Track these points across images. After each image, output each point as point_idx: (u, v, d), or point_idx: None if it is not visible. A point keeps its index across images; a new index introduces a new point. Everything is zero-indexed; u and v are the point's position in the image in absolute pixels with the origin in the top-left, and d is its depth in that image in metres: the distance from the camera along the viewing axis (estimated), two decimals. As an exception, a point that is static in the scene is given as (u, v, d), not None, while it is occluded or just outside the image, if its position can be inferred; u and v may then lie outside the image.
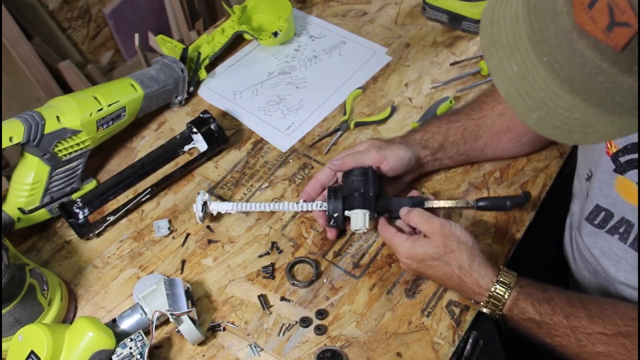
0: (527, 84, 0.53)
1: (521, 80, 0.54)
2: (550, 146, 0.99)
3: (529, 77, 0.53)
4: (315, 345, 0.79)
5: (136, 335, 0.75)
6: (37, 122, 0.85)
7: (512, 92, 0.55)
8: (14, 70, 1.81)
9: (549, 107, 0.53)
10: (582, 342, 0.71)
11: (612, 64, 0.47)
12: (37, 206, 0.91)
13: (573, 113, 0.52)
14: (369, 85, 1.12)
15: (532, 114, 0.54)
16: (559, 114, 0.53)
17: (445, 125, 0.91)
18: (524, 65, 0.53)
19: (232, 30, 1.18)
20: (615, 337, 0.70)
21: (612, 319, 0.71)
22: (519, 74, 0.54)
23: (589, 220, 0.84)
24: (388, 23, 1.24)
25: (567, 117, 0.52)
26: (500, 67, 0.55)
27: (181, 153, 1.00)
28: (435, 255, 0.77)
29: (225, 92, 1.13)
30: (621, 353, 0.69)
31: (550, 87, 0.52)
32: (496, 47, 0.55)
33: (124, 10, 2.10)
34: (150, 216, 0.95)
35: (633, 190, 0.76)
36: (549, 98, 0.52)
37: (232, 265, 0.88)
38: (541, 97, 0.53)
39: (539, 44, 0.51)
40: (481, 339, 0.81)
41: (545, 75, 0.52)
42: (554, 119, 0.53)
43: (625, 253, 0.80)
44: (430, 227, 0.78)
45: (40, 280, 0.79)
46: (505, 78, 0.55)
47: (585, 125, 0.52)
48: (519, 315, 0.75)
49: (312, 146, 1.03)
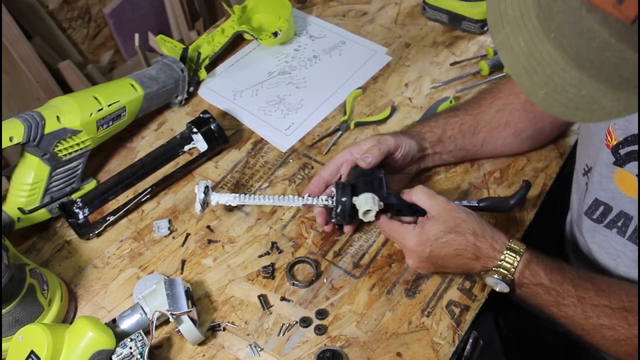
0: (534, 61, 0.53)
1: (528, 57, 0.53)
2: (550, 144, 0.99)
3: (537, 53, 0.52)
4: (315, 345, 0.79)
5: (136, 335, 0.75)
6: (37, 122, 0.85)
7: (518, 68, 0.54)
8: (14, 70, 1.81)
9: (556, 83, 0.52)
10: (588, 314, 0.73)
11: (621, 39, 0.47)
12: (37, 206, 0.91)
13: (580, 90, 0.51)
14: (369, 85, 1.12)
15: (539, 91, 0.54)
16: (566, 90, 0.52)
17: (443, 120, 0.92)
18: (532, 41, 0.52)
19: (232, 30, 1.18)
20: (620, 311, 0.71)
21: (617, 294, 0.73)
22: (526, 51, 0.53)
23: (588, 215, 0.85)
24: (388, 23, 1.24)
25: (574, 93, 0.52)
26: (507, 43, 0.54)
27: (181, 153, 1.00)
28: (447, 229, 0.76)
29: (225, 92, 1.13)
30: (623, 327, 0.71)
31: (557, 64, 0.52)
32: (503, 24, 0.55)
33: (124, 10, 2.10)
34: (150, 216, 0.95)
35: (632, 183, 0.77)
36: (557, 74, 0.52)
37: (232, 265, 0.88)
38: (548, 73, 0.52)
39: (547, 20, 0.51)
40: (481, 339, 0.81)
41: (553, 52, 0.51)
42: (561, 95, 0.53)
43: (624, 247, 0.80)
44: (435, 202, 0.78)
45: (40, 280, 0.79)
46: (512, 54, 0.54)
47: (592, 102, 0.52)
48: (529, 279, 0.75)
49: (312, 146, 1.03)
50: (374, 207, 0.79)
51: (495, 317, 0.97)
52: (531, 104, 0.90)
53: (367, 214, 0.80)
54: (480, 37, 1.19)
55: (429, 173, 0.97)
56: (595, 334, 0.73)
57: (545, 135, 0.95)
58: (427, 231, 0.77)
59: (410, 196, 0.80)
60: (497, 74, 1.10)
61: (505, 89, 0.93)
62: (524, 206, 0.92)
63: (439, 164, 0.96)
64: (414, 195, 0.80)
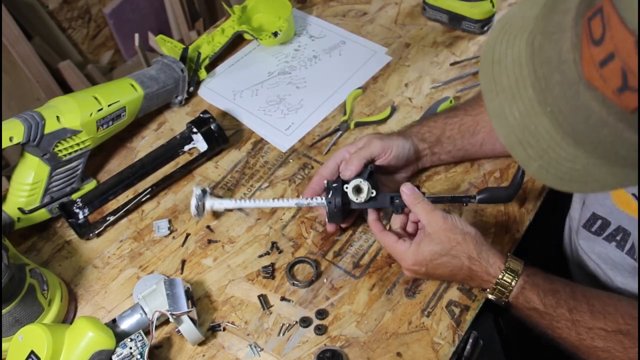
0: (529, 134, 0.51)
1: (523, 129, 0.52)
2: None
3: (532, 126, 0.51)
4: (315, 345, 0.79)
5: (136, 335, 0.75)
6: (37, 122, 0.85)
7: (512, 139, 0.53)
8: (14, 70, 1.81)
9: (551, 157, 0.51)
10: (582, 336, 0.72)
11: (619, 120, 0.45)
12: (37, 206, 0.91)
13: (575, 164, 0.50)
14: (369, 85, 1.12)
15: (533, 163, 0.53)
16: (561, 164, 0.51)
17: (442, 121, 0.92)
18: (527, 113, 0.51)
19: (232, 30, 1.18)
20: (615, 334, 0.70)
21: (613, 316, 0.72)
22: (521, 122, 0.52)
23: (586, 228, 0.85)
24: (388, 23, 1.24)
25: (568, 167, 0.51)
26: (501, 113, 0.53)
27: (181, 153, 1.00)
28: (443, 251, 0.76)
29: (225, 92, 1.13)
30: (618, 350, 0.70)
31: (553, 138, 0.50)
32: (497, 91, 0.53)
33: (124, 10, 2.10)
34: (150, 216, 0.95)
35: (629, 201, 0.77)
36: (551, 149, 0.51)
37: (232, 265, 0.88)
38: (543, 147, 0.51)
39: (544, 92, 0.49)
40: (481, 339, 0.81)
41: (549, 126, 0.50)
42: (555, 169, 0.52)
43: (623, 260, 0.80)
44: (433, 220, 0.77)
45: (40, 280, 0.79)
46: (506, 125, 0.53)
47: (586, 175, 0.51)
48: (523, 304, 0.75)
49: (312, 146, 1.03)
50: (363, 185, 0.81)
51: (495, 317, 0.97)
52: None
53: (359, 194, 0.81)
54: (480, 37, 1.19)
55: (428, 173, 0.97)
56: (589, 355, 0.73)
57: None
58: (422, 251, 0.77)
59: (411, 206, 0.80)
60: (497, 74, 1.10)
61: None
62: (524, 206, 0.92)
63: (437, 164, 0.96)
64: (414, 207, 0.79)
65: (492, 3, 1.16)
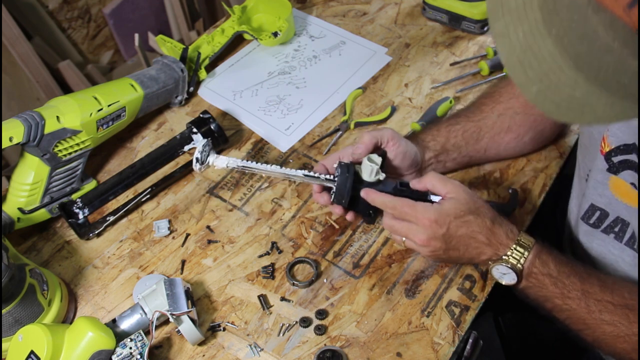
0: (532, 55, 0.51)
1: (525, 50, 0.51)
2: (550, 145, 0.99)
3: (535, 47, 0.50)
4: (315, 345, 0.79)
5: (136, 335, 0.75)
6: (37, 122, 0.85)
7: (514, 60, 0.52)
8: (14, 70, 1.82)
9: (551, 81, 0.51)
10: (591, 308, 0.73)
11: (624, 45, 0.45)
12: (37, 206, 0.91)
13: (574, 90, 0.50)
14: (369, 85, 1.12)
15: (531, 87, 0.52)
16: (560, 89, 0.51)
17: (445, 129, 0.91)
18: (531, 34, 0.51)
19: (232, 31, 1.18)
20: (622, 308, 0.72)
21: (620, 291, 0.73)
22: (524, 43, 0.51)
23: (585, 220, 0.85)
24: (388, 23, 1.24)
25: (567, 93, 0.51)
26: (505, 33, 0.52)
27: (181, 153, 1.00)
28: (468, 209, 0.76)
29: (225, 92, 1.13)
30: (623, 324, 0.71)
31: (555, 61, 0.50)
32: (503, 12, 0.52)
33: (124, 10, 2.10)
34: (150, 216, 0.95)
35: (627, 190, 0.77)
36: (552, 72, 0.50)
37: (232, 265, 0.88)
38: (544, 70, 0.51)
39: (550, 14, 0.49)
40: (481, 339, 0.81)
41: (552, 48, 0.50)
42: (554, 94, 0.51)
43: (622, 252, 0.80)
44: (452, 186, 0.77)
45: (40, 280, 0.79)
46: (509, 45, 0.52)
47: (584, 105, 0.51)
48: (539, 269, 0.75)
49: (312, 146, 1.03)
50: (377, 160, 0.79)
51: (495, 317, 0.97)
52: (532, 107, 0.90)
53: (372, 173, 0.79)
54: (480, 37, 1.19)
55: (429, 173, 0.96)
56: (596, 329, 0.73)
57: (546, 136, 0.96)
58: (447, 209, 0.76)
59: (424, 183, 0.79)
60: (497, 74, 1.10)
61: (506, 93, 0.93)
62: (524, 206, 0.92)
63: (443, 172, 0.95)
64: (428, 182, 0.78)
65: (492, 3, 1.16)
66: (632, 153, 0.75)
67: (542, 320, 0.96)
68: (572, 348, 0.95)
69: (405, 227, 0.78)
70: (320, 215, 0.93)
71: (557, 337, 0.99)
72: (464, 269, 0.85)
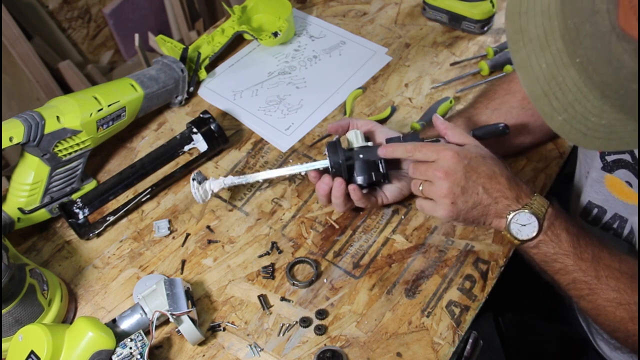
0: (556, 85, 0.51)
1: (550, 81, 0.51)
2: (550, 144, 0.99)
3: (559, 78, 0.50)
4: (315, 345, 0.79)
5: (136, 335, 0.75)
6: (37, 122, 0.85)
7: (538, 91, 0.52)
8: (14, 70, 1.82)
9: (577, 111, 0.50)
10: (600, 273, 0.72)
11: None
12: (37, 206, 0.91)
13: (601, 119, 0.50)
14: (369, 85, 1.12)
15: (557, 116, 0.52)
16: (586, 118, 0.50)
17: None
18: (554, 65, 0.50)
19: (232, 31, 1.18)
20: (628, 276, 0.71)
21: (627, 261, 0.72)
22: (548, 74, 0.51)
23: (583, 217, 0.85)
24: (388, 23, 1.24)
25: (594, 122, 0.50)
26: (528, 64, 0.52)
27: (181, 153, 1.00)
28: (488, 155, 0.75)
29: (225, 92, 1.13)
30: (627, 292, 0.70)
31: (580, 91, 0.50)
32: (524, 42, 0.52)
33: (124, 10, 2.10)
34: (150, 216, 0.95)
35: (623, 188, 0.77)
36: (578, 102, 0.50)
37: (232, 265, 0.88)
38: (570, 100, 0.50)
39: (573, 43, 0.49)
40: (481, 339, 0.81)
41: (577, 78, 0.49)
42: (580, 123, 0.51)
43: (621, 247, 0.81)
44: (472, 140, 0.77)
45: (40, 280, 0.79)
46: (532, 76, 0.52)
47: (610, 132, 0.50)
48: (560, 221, 0.73)
49: (312, 146, 1.03)
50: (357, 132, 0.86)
51: (495, 317, 0.97)
52: (528, 102, 0.90)
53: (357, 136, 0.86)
54: (480, 37, 1.19)
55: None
56: (600, 294, 0.72)
57: (545, 130, 0.95)
58: (469, 147, 0.75)
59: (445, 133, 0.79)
60: (497, 74, 1.10)
61: (501, 90, 0.93)
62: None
63: None
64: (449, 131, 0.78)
65: (492, 3, 1.16)
66: (624, 152, 0.75)
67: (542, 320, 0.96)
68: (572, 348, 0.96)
69: (426, 166, 0.76)
70: (320, 215, 0.93)
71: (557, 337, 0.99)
72: (464, 269, 0.85)
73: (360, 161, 0.84)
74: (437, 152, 0.75)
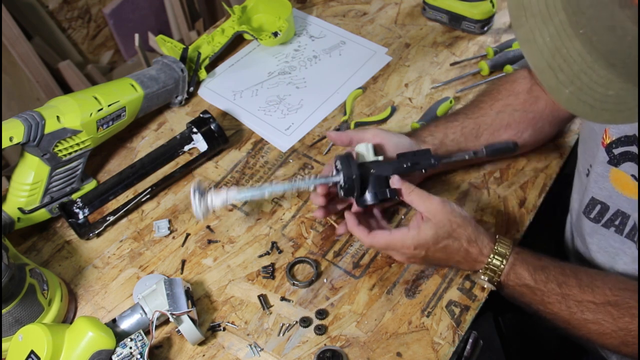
0: (560, 58, 0.50)
1: (554, 53, 0.51)
2: (550, 144, 0.99)
3: (563, 50, 0.50)
4: (315, 345, 0.79)
5: (136, 335, 0.75)
6: (37, 122, 0.85)
7: (543, 65, 0.52)
8: (14, 70, 1.82)
9: (583, 82, 0.50)
10: (572, 310, 0.73)
11: None
12: (37, 206, 0.91)
13: (608, 89, 0.49)
14: (369, 85, 1.12)
15: (564, 90, 0.51)
16: (593, 89, 0.50)
17: (443, 125, 0.92)
18: (558, 37, 0.50)
19: (232, 31, 1.18)
20: (604, 305, 0.72)
21: (601, 289, 0.73)
22: (552, 47, 0.51)
23: (586, 214, 0.85)
24: (388, 23, 1.24)
25: (601, 93, 0.50)
26: (531, 38, 0.52)
27: (181, 153, 1.00)
28: (445, 234, 0.76)
29: (225, 92, 1.13)
30: (607, 321, 0.71)
31: (585, 61, 0.49)
32: (527, 16, 0.52)
33: (124, 10, 2.10)
34: (150, 216, 0.95)
35: (628, 182, 0.77)
36: (584, 72, 0.50)
37: (232, 265, 0.88)
38: (575, 71, 0.50)
39: (576, 14, 0.49)
40: (481, 339, 0.81)
41: (581, 49, 0.49)
42: (587, 95, 0.51)
43: (622, 244, 0.81)
44: (431, 205, 0.76)
45: (40, 280, 0.79)
46: (536, 50, 0.52)
47: (619, 103, 0.50)
48: (515, 281, 0.76)
49: (312, 146, 1.03)
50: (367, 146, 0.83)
51: (495, 317, 0.97)
52: (530, 104, 0.90)
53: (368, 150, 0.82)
54: (480, 37, 1.19)
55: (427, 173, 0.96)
56: (581, 328, 0.74)
57: (545, 133, 0.96)
58: (425, 235, 0.76)
59: (405, 196, 0.79)
60: (497, 74, 1.10)
61: (504, 90, 0.93)
62: (524, 206, 0.92)
63: (444, 170, 0.95)
64: (407, 197, 0.78)
65: (492, 3, 1.16)
66: (632, 144, 0.75)
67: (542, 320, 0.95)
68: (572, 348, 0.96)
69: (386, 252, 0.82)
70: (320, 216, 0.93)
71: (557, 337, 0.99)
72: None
73: (373, 177, 0.80)
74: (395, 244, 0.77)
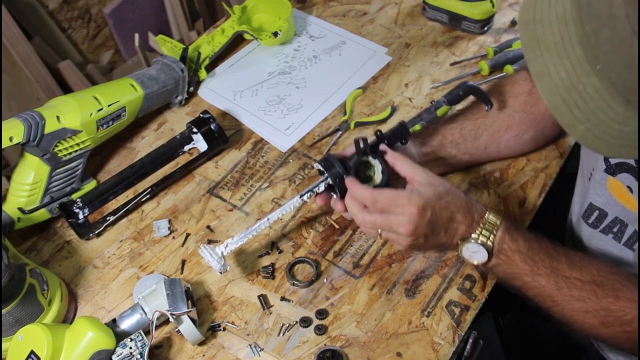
0: (577, 94, 0.49)
1: (570, 89, 0.49)
2: (550, 144, 0.99)
3: (579, 86, 0.49)
4: (315, 345, 0.79)
5: (136, 335, 0.75)
6: (37, 122, 0.85)
7: (558, 101, 0.50)
8: (14, 70, 1.82)
9: (599, 119, 0.49)
10: (560, 285, 0.72)
11: None
12: (37, 206, 0.91)
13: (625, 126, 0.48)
14: (369, 85, 1.12)
15: (579, 126, 0.50)
16: (610, 126, 0.49)
17: (442, 126, 0.92)
18: (574, 72, 0.49)
19: (232, 30, 1.18)
20: (589, 284, 0.71)
21: (588, 268, 0.72)
22: (568, 82, 0.49)
23: (585, 219, 0.85)
24: (388, 23, 1.24)
25: (617, 130, 0.49)
26: (546, 72, 0.50)
27: (181, 153, 1.00)
28: (444, 190, 0.74)
29: (225, 92, 1.13)
30: (591, 299, 0.71)
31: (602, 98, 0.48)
32: (541, 50, 0.51)
33: (124, 10, 2.10)
34: (150, 216, 0.95)
35: (624, 192, 0.77)
36: (600, 109, 0.49)
37: (232, 265, 0.88)
38: (592, 108, 0.49)
39: (593, 49, 0.47)
40: (481, 339, 0.81)
41: (599, 84, 0.48)
42: (603, 132, 0.50)
43: (620, 252, 0.80)
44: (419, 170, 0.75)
45: (40, 280, 0.79)
46: (551, 85, 0.50)
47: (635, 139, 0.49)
48: (509, 245, 0.74)
49: (312, 146, 1.03)
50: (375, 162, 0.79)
51: (495, 317, 0.97)
52: (531, 106, 0.90)
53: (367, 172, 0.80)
54: (480, 37, 1.19)
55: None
56: (565, 305, 0.73)
57: (547, 135, 0.96)
58: (427, 192, 0.73)
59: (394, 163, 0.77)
60: (497, 74, 1.10)
61: (504, 92, 0.93)
62: (524, 206, 0.92)
63: (446, 171, 0.95)
64: (398, 166, 0.76)
65: (492, 3, 1.16)
66: None
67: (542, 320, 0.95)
68: (572, 348, 0.96)
69: (387, 220, 0.74)
70: (320, 215, 0.93)
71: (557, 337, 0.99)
72: (464, 269, 0.85)
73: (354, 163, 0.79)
74: (401, 208, 0.72)
